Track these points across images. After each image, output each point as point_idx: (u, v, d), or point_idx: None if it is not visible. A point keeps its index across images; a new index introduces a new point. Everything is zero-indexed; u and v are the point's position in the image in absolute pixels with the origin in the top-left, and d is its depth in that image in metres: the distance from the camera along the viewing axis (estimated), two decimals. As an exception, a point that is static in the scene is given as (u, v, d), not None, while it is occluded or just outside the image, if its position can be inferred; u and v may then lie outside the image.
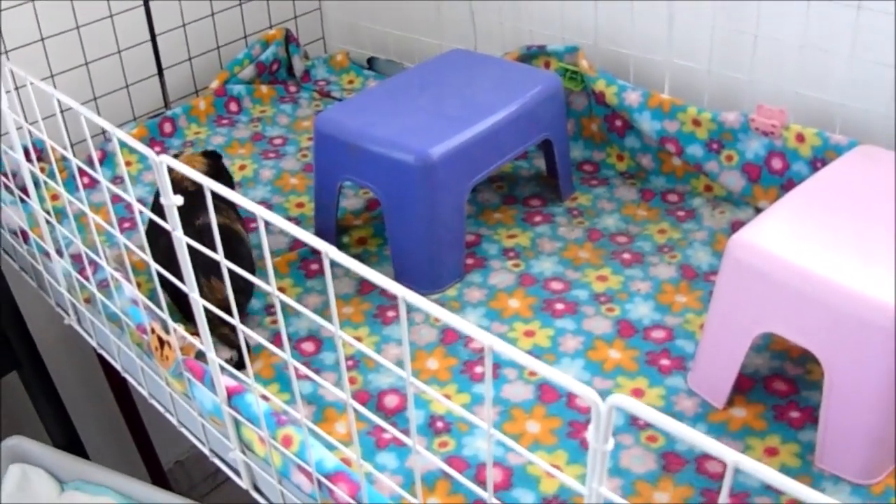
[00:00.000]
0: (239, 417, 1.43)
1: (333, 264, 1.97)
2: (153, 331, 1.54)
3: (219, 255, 1.21)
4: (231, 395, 1.43)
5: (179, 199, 1.23)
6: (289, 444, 1.36)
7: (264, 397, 1.37)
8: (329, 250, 1.04)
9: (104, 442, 2.90)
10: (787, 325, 1.50)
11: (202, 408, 1.52)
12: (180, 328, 1.49)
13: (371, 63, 2.77)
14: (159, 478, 2.92)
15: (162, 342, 1.52)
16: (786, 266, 1.48)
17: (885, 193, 1.63)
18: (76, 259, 1.87)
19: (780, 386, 1.68)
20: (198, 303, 1.33)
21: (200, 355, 1.46)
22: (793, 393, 1.66)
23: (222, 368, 1.41)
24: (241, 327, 1.27)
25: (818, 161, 1.94)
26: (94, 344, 1.93)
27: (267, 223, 1.09)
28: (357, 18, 2.69)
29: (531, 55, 2.28)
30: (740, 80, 2.06)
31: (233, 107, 2.55)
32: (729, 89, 2.10)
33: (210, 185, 1.16)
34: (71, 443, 2.36)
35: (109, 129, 1.32)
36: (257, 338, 1.24)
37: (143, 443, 2.84)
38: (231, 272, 1.21)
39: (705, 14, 2.05)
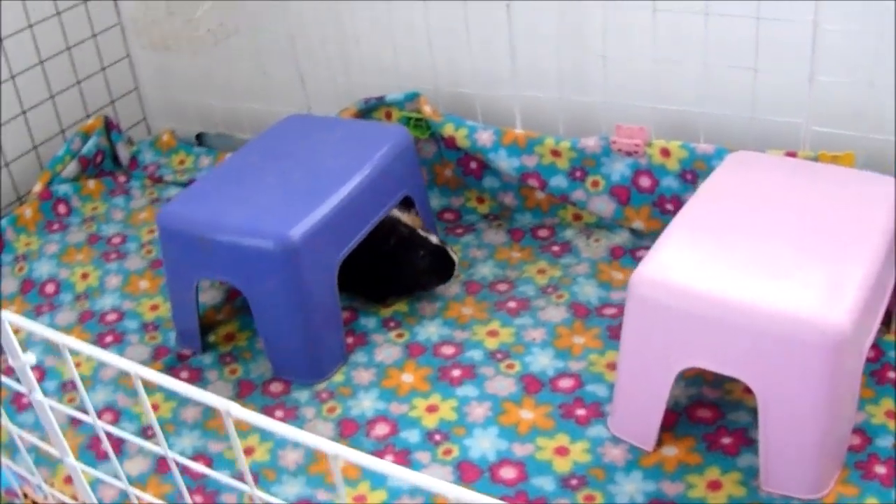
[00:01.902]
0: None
1: (202, 367, 1.82)
2: (26, 496, 1.34)
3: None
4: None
5: (31, 359, 1.04)
6: None
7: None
8: (230, 408, 0.87)
9: None
10: (711, 358, 1.42)
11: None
12: (56, 493, 1.28)
13: (200, 139, 2.58)
14: None
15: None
16: (698, 297, 1.40)
17: (770, 198, 1.58)
18: None
19: (704, 413, 1.59)
20: (75, 470, 1.13)
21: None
22: (718, 418, 1.58)
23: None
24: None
25: (688, 173, 1.88)
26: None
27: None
28: (179, 94, 2.50)
29: (370, 108, 2.15)
30: (594, 102, 1.99)
31: (61, 209, 2.31)
32: (584, 114, 2.03)
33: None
34: None
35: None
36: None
37: None
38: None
39: (548, 41, 1.98)
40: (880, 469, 1.46)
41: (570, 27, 1.95)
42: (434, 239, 1.86)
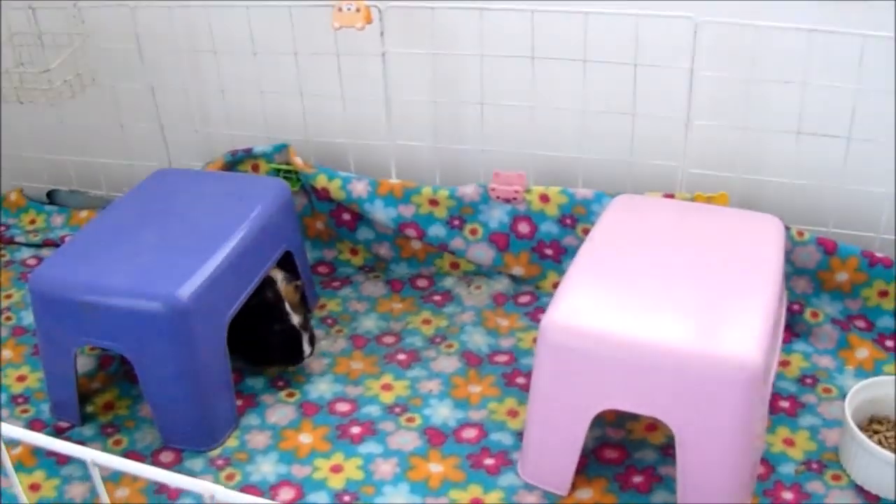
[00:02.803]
0: None
1: (84, 439, 1.70)
2: None
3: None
4: None
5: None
6: None
7: None
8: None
9: None
10: (627, 399, 1.43)
11: None
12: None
13: (51, 197, 2.42)
14: None
15: None
16: (610, 340, 1.41)
17: (663, 239, 1.62)
18: None
19: (612, 454, 1.61)
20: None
21: None
22: (626, 458, 1.60)
23: None
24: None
25: (567, 218, 1.91)
26: None
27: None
28: (26, 150, 2.34)
29: (237, 161, 2.09)
30: (471, 150, 2.00)
31: None
32: (460, 162, 2.03)
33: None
34: None
35: None
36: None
37: None
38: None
39: (423, 90, 1.97)
40: (787, 495, 1.51)
41: (445, 75, 1.96)
42: (296, 320, 1.76)
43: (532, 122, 1.92)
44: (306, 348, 1.76)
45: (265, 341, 1.76)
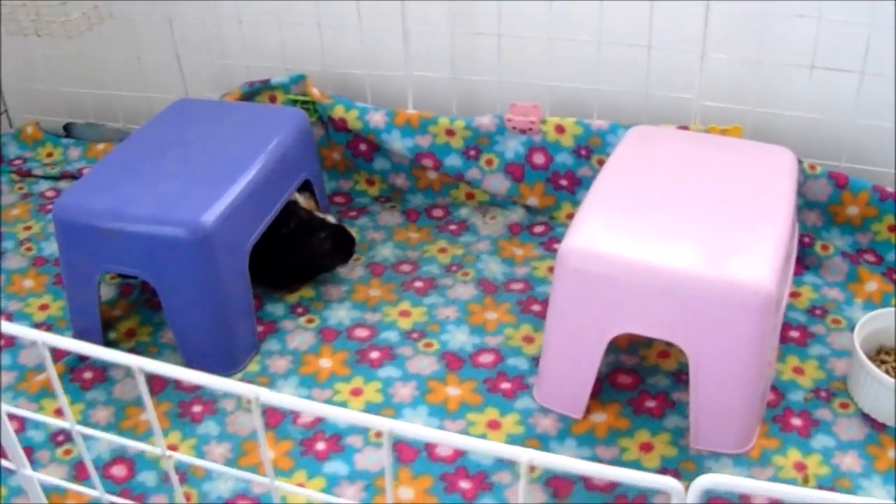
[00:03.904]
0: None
1: (106, 366, 1.74)
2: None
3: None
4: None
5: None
6: None
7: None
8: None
9: None
10: (643, 323, 1.46)
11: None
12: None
13: (68, 130, 2.44)
14: None
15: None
16: (628, 265, 1.44)
17: (678, 170, 1.64)
18: None
19: (625, 379, 1.65)
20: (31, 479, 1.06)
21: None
22: (639, 383, 1.64)
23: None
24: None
25: (582, 149, 1.93)
26: None
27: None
28: (42, 84, 2.35)
29: (254, 92, 2.10)
30: (488, 82, 2.01)
31: (-80, 208, 2.15)
32: (477, 93, 2.05)
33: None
34: None
35: None
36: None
37: None
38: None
39: (440, 20, 1.98)
40: (796, 421, 1.55)
41: (463, 6, 1.96)
42: (331, 219, 1.85)
43: (548, 54, 1.93)
44: (354, 235, 1.87)
45: (315, 251, 1.84)
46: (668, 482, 0.69)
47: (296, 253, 1.83)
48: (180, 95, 2.20)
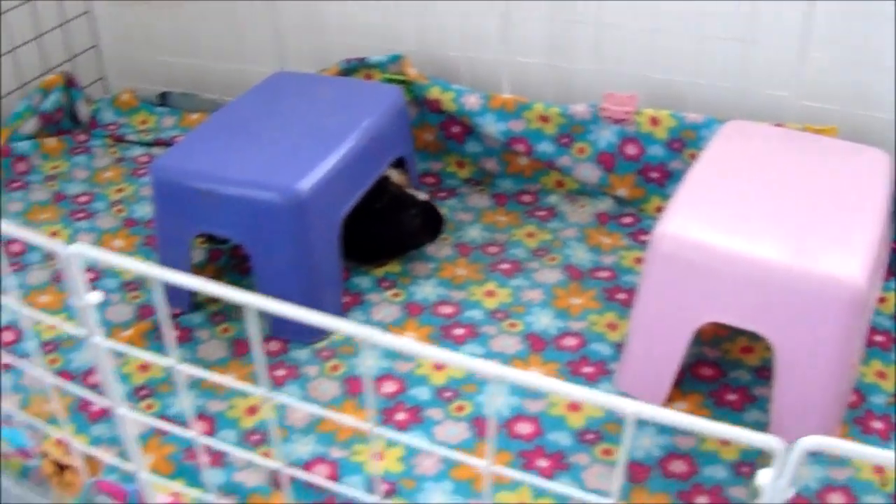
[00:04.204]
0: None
1: (192, 326, 1.78)
2: (45, 455, 1.28)
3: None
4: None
5: (97, 296, 1.01)
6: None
7: None
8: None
9: None
10: (732, 313, 1.46)
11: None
12: (86, 446, 1.24)
13: (164, 98, 2.50)
14: None
15: (61, 466, 1.27)
16: (721, 253, 1.44)
17: (773, 165, 1.63)
18: None
19: (707, 371, 1.64)
20: (124, 419, 1.10)
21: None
22: (721, 376, 1.63)
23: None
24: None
25: (675, 142, 1.92)
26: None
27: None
28: (140, 53, 2.42)
29: (351, 69, 2.13)
30: (585, 70, 2.02)
31: (21, 167, 2.22)
32: (573, 81, 2.05)
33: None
34: None
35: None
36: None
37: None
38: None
39: (539, 6, 1.99)
40: (877, 424, 1.53)
41: (563, -8, 1.98)
42: (422, 196, 1.87)
43: (646, 44, 1.93)
44: (442, 213, 1.92)
45: (405, 228, 1.88)
46: (770, 440, 0.69)
47: (386, 228, 1.85)
48: (276, 69, 2.23)
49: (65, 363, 1.69)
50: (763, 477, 0.74)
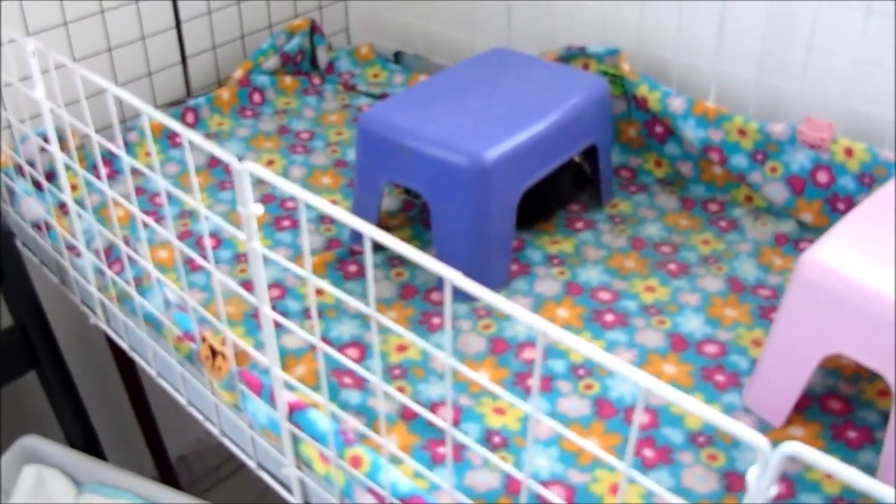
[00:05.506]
0: (299, 434, 1.38)
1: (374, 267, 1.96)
2: (204, 339, 1.49)
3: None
4: (293, 410, 1.38)
5: (259, 209, 1.18)
6: (358, 464, 1.32)
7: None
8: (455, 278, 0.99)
9: (112, 439, 2.83)
10: (859, 348, 1.48)
11: (255, 421, 1.47)
12: (237, 339, 1.44)
13: (397, 57, 2.71)
14: (168, 475, 2.86)
15: (214, 352, 1.47)
16: (860, 288, 1.46)
17: (950, 214, 1.62)
18: (100, 254, 1.81)
19: (836, 405, 1.66)
20: (267, 317, 1.28)
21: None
22: (848, 412, 1.64)
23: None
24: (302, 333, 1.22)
25: (866, 176, 1.92)
26: (125, 346, 1.87)
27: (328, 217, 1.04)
28: (383, 10, 2.63)
29: (570, 56, 2.24)
30: (789, 91, 2.04)
31: (256, 98, 2.49)
32: (776, 100, 2.08)
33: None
34: (88, 444, 2.29)
35: (148, 114, 1.26)
36: (302, 336, 1.20)
37: (154, 441, 2.78)
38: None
39: (757, 21, 2.02)
40: None
41: (781, 12, 2.00)
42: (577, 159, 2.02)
43: (854, 76, 1.92)
44: (587, 170, 2.08)
45: (555, 185, 2.03)
46: (756, 437, 0.78)
47: (537, 189, 1.95)
48: (503, 45, 2.37)
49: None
50: (751, 474, 0.81)
